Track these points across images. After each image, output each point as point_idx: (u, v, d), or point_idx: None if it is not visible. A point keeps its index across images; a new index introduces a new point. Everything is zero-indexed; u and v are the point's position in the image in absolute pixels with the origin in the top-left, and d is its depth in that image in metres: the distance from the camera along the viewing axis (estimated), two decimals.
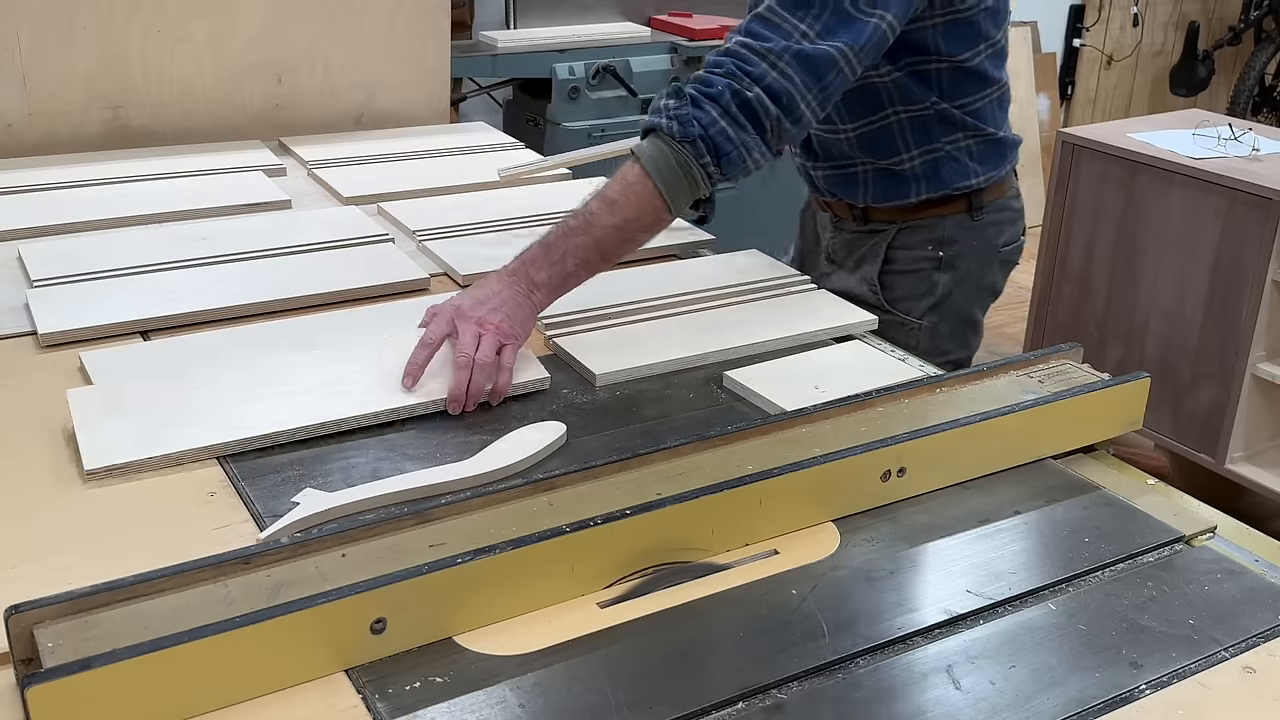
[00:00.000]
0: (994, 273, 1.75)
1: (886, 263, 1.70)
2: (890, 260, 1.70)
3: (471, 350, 1.28)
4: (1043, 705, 0.88)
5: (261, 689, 0.86)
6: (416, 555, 0.93)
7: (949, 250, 1.69)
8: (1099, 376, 1.28)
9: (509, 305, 1.33)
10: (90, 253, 1.66)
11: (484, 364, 1.28)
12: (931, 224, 1.68)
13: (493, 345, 1.29)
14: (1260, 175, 2.71)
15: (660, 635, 0.94)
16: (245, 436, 1.19)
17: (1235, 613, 0.99)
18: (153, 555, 0.95)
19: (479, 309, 1.32)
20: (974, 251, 1.70)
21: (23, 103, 2.10)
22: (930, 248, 1.69)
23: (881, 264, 1.70)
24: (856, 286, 1.72)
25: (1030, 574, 1.03)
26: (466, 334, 1.30)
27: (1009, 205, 1.73)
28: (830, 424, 1.17)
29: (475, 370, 1.28)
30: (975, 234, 1.69)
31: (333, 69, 2.34)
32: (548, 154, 2.28)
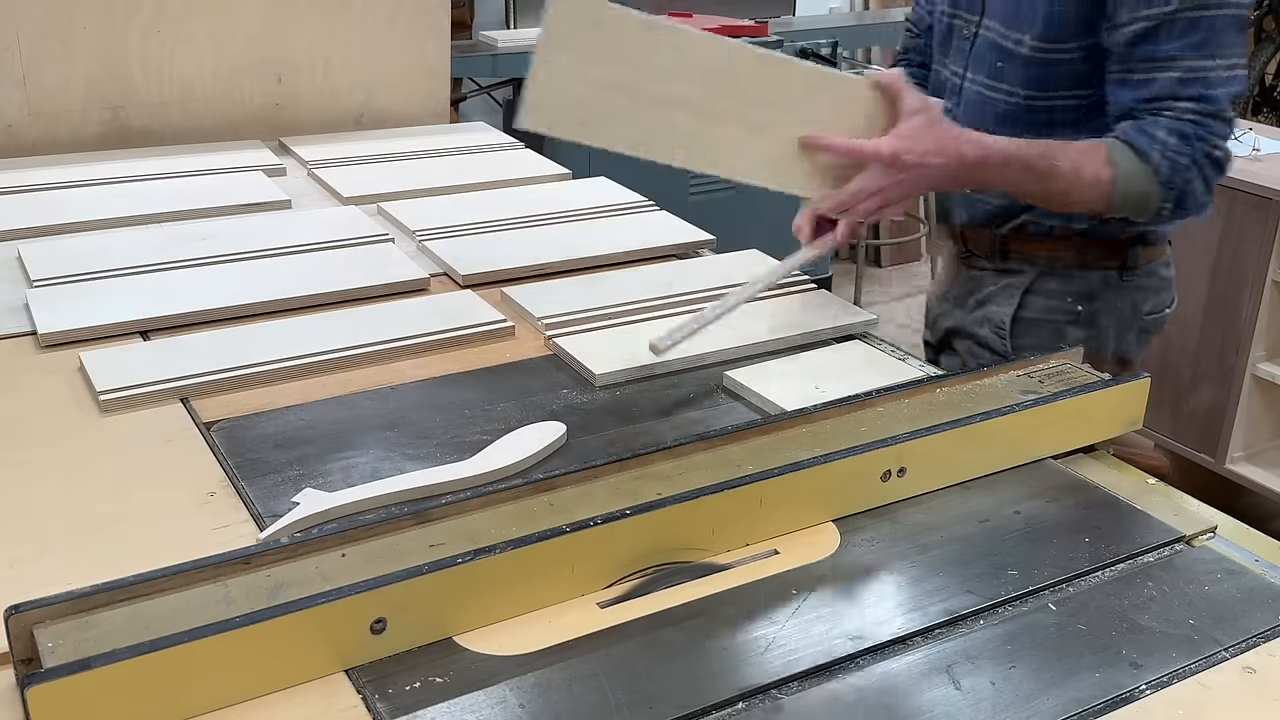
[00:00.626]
0: (1130, 341, 1.65)
1: (1020, 308, 1.64)
2: (1024, 306, 1.64)
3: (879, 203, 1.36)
4: (1043, 705, 0.88)
5: (261, 689, 0.86)
6: (416, 555, 0.93)
7: (1090, 306, 1.62)
8: (1099, 376, 1.28)
9: (930, 178, 1.37)
10: (90, 253, 1.66)
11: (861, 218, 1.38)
12: (1076, 276, 1.62)
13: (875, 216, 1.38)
14: (1260, 175, 2.71)
15: (660, 635, 0.94)
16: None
17: (1235, 613, 0.99)
18: (153, 555, 0.95)
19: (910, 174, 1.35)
20: (1116, 312, 1.63)
21: (23, 103, 2.10)
22: (1070, 300, 1.62)
23: (1015, 308, 1.64)
24: (976, 326, 1.67)
25: (1030, 574, 1.03)
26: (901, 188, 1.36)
27: (1158, 272, 1.66)
28: (830, 424, 1.17)
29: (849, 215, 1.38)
30: (1121, 295, 1.62)
31: (333, 69, 2.34)
32: (546, 153, 2.28)
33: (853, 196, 1.36)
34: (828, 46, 3.68)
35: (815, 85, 1.37)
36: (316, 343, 1.41)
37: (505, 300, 1.58)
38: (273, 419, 1.27)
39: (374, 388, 1.35)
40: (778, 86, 1.35)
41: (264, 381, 1.35)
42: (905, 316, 4.21)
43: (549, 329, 1.48)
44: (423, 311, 1.51)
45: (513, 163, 2.19)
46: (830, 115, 1.37)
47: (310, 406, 1.30)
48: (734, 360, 1.42)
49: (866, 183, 1.35)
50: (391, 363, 1.41)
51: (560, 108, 1.29)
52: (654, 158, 1.35)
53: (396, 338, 1.44)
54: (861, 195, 1.36)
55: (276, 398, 1.32)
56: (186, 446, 1.21)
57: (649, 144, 1.33)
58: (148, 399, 1.29)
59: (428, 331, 1.46)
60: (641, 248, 1.76)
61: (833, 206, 1.38)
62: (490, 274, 1.66)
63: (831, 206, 1.38)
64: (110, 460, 1.18)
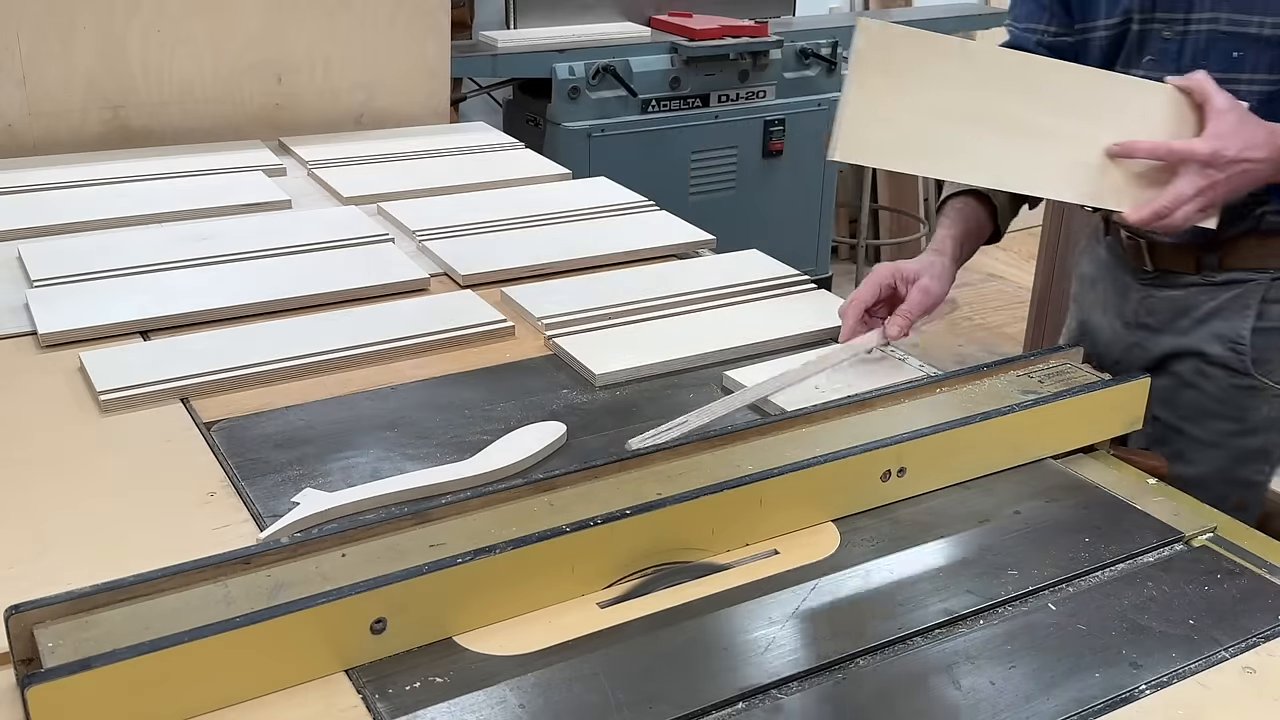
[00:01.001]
0: None
1: (1259, 318, 1.50)
2: (1263, 316, 1.50)
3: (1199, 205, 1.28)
4: (1043, 705, 0.88)
5: (261, 689, 0.86)
6: (416, 555, 0.93)
7: None
8: (1099, 376, 1.28)
9: (1251, 175, 1.27)
10: (90, 253, 1.66)
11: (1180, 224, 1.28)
12: None
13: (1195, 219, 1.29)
14: None
15: (660, 635, 0.94)
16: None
17: (1235, 613, 0.99)
18: (153, 555, 0.95)
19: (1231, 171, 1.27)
20: None
21: (23, 103, 2.10)
22: None
23: (1253, 319, 1.50)
24: (1205, 344, 1.54)
25: (1030, 574, 1.03)
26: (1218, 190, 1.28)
27: None
28: (830, 424, 1.17)
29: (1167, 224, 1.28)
30: None
31: (333, 69, 2.34)
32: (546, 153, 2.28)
33: (1173, 201, 1.27)
34: (828, 46, 3.68)
35: (1121, 95, 1.34)
36: (316, 343, 1.41)
37: (505, 300, 1.58)
38: (273, 419, 1.27)
39: (374, 388, 1.35)
40: (1085, 98, 1.32)
41: (264, 381, 1.35)
42: None
43: (549, 329, 1.48)
44: (423, 311, 1.51)
45: (513, 163, 2.19)
46: (1139, 123, 1.33)
47: (310, 406, 1.30)
48: (734, 360, 1.42)
49: (1184, 187, 1.27)
50: (391, 363, 1.41)
51: (873, 138, 1.27)
52: (964, 180, 1.34)
53: (396, 338, 1.44)
54: (1182, 199, 1.27)
55: (276, 398, 1.32)
56: (186, 446, 1.21)
57: (961, 166, 1.31)
58: (148, 399, 1.29)
59: (428, 331, 1.46)
60: (641, 248, 1.76)
61: (1151, 214, 1.28)
62: (490, 274, 1.65)
63: (1149, 215, 1.28)
64: (110, 460, 1.18)
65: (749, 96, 3.57)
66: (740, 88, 3.54)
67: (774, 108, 3.61)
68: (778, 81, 3.61)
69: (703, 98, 3.48)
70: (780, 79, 3.61)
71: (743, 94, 3.56)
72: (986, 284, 4.56)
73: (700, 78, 3.45)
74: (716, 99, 3.51)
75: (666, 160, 3.45)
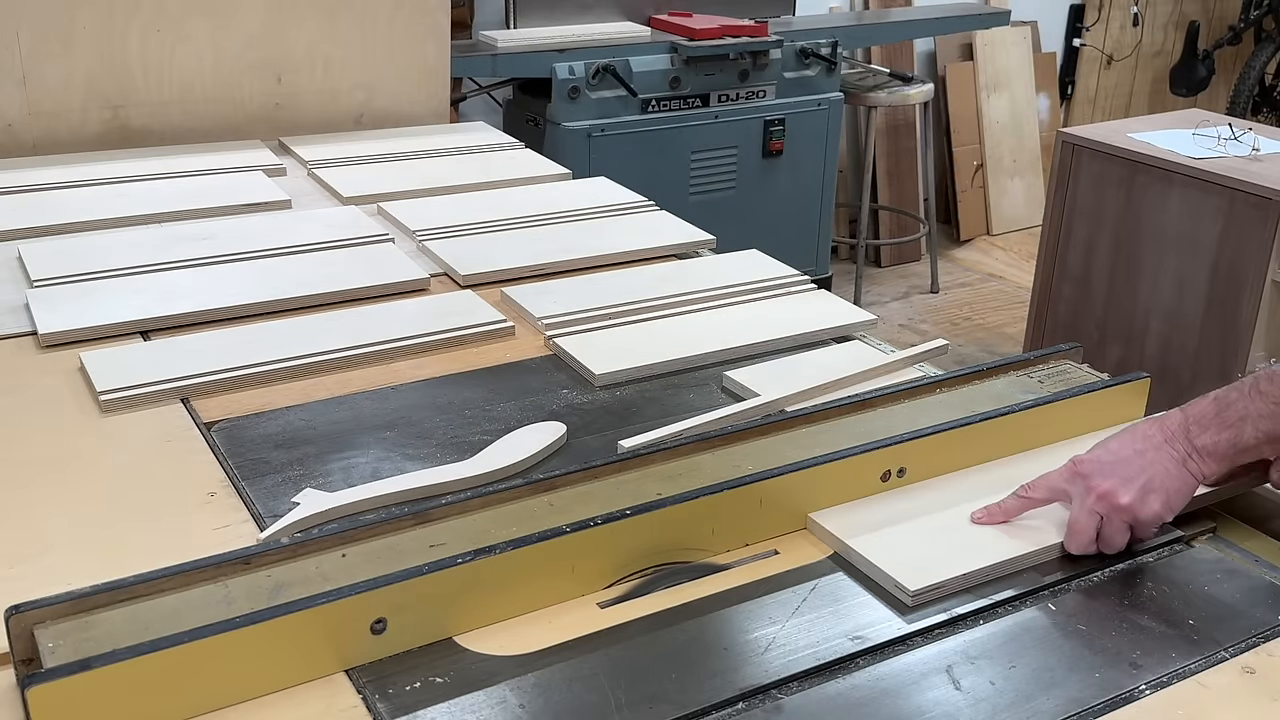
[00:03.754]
0: None
1: None
2: None
3: (1109, 549, 1.05)
4: (1043, 705, 0.88)
5: (261, 689, 0.86)
6: (416, 555, 0.94)
7: None
8: (1099, 376, 1.28)
9: (1159, 480, 1.04)
10: (90, 253, 1.66)
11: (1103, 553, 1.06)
12: None
13: (1124, 540, 1.05)
14: (1260, 175, 2.71)
15: (660, 635, 0.94)
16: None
17: (1235, 613, 0.99)
18: (153, 555, 0.95)
19: (1114, 479, 1.03)
20: None
21: (23, 103, 2.10)
22: None
23: None
24: None
25: (1030, 574, 1.03)
26: (1114, 531, 1.04)
27: None
28: (830, 424, 1.17)
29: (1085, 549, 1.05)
30: None
31: (333, 69, 2.34)
32: (547, 153, 2.28)
33: (1081, 531, 1.04)
34: (827, 46, 3.68)
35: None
36: (316, 343, 1.41)
37: (505, 300, 1.58)
38: (273, 419, 1.27)
39: (374, 388, 1.35)
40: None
41: (264, 381, 1.35)
42: (905, 316, 4.21)
43: (549, 329, 1.48)
44: (423, 311, 1.51)
45: (513, 163, 2.19)
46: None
47: (310, 406, 1.30)
48: (734, 360, 1.42)
49: (1076, 514, 1.05)
50: (391, 363, 1.41)
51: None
52: None
53: (396, 338, 1.44)
54: (1088, 527, 1.04)
55: (276, 398, 1.32)
56: (186, 446, 1.21)
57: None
58: (148, 399, 1.29)
59: (428, 331, 1.46)
60: (641, 248, 1.76)
61: (1079, 549, 1.05)
62: (490, 274, 1.66)
63: (1078, 549, 1.05)
64: (110, 460, 1.18)
65: (749, 96, 3.57)
66: (740, 88, 3.54)
67: (774, 108, 3.62)
68: (778, 81, 3.61)
69: (703, 98, 3.48)
70: (780, 79, 3.61)
71: (743, 94, 3.56)
72: (986, 284, 4.56)
73: (700, 78, 3.45)
74: (716, 99, 3.51)
75: (666, 160, 3.45)
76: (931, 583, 0.99)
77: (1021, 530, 1.07)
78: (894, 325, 4.11)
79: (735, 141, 3.57)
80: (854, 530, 1.06)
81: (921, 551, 1.03)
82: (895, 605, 0.98)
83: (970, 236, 4.93)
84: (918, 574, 1.00)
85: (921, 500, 1.11)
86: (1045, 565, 1.04)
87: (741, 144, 3.59)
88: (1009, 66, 4.95)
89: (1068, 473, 1.06)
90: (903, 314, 4.24)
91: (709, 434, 1.12)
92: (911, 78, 4.17)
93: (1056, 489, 1.07)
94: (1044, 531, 1.06)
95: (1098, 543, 1.04)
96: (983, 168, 4.92)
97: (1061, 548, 1.05)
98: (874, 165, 4.45)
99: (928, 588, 0.98)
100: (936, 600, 0.98)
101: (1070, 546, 1.05)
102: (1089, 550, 1.04)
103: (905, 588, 0.98)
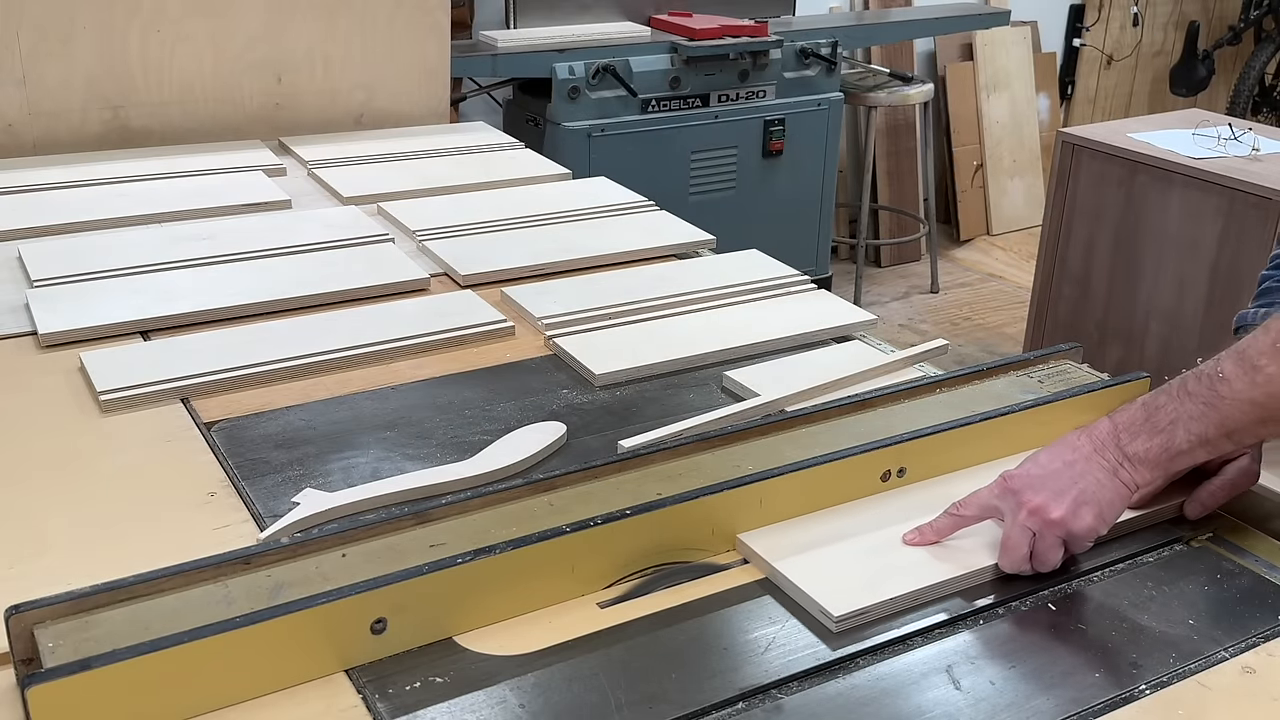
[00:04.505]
0: None
1: None
2: None
3: (1043, 567, 1.01)
4: (1043, 705, 0.88)
5: (261, 689, 0.86)
6: (416, 555, 0.94)
7: None
8: (1099, 376, 1.28)
9: (1090, 491, 1.01)
10: (90, 253, 1.66)
11: (1038, 571, 1.02)
12: None
13: (1059, 557, 1.02)
14: (1260, 175, 2.71)
15: (660, 635, 0.94)
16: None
17: (1235, 613, 0.99)
18: (153, 555, 0.95)
19: (1045, 493, 1.00)
20: None
21: (23, 103, 2.10)
22: None
23: None
24: None
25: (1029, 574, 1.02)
26: (1048, 547, 1.00)
27: None
28: (830, 424, 1.17)
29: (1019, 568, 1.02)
30: None
31: (333, 69, 2.34)
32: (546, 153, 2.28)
33: (1014, 548, 1.01)
34: (827, 46, 3.68)
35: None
36: (316, 343, 1.41)
37: (505, 300, 1.58)
38: (273, 419, 1.27)
39: (374, 388, 1.35)
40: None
41: (264, 381, 1.35)
42: (905, 316, 4.21)
43: (549, 329, 1.48)
44: (423, 311, 1.51)
45: (513, 163, 2.19)
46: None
47: (310, 406, 1.30)
48: (734, 360, 1.42)
49: (1009, 531, 1.02)
50: (391, 363, 1.41)
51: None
52: None
53: (396, 338, 1.44)
54: (1020, 544, 1.01)
55: (276, 398, 1.32)
56: (186, 446, 1.21)
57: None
58: (148, 399, 1.29)
59: (428, 331, 1.46)
60: (641, 248, 1.76)
61: (1012, 566, 1.02)
62: (490, 274, 1.66)
63: (1011, 567, 1.02)
64: (110, 460, 1.18)
65: (749, 96, 3.57)
66: (740, 88, 3.55)
67: (774, 108, 3.62)
68: (778, 81, 3.61)
69: (703, 98, 3.48)
70: (780, 79, 3.61)
71: (743, 94, 3.56)
72: (986, 284, 4.56)
73: (700, 78, 3.45)
74: (716, 99, 3.51)
75: (666, 160, 3.45)
76: (858, 608, 0.95)
77: (952, 552, 1.03)
78: (894, 325, 4.11)
79: (735, 141, 3.57)
80: (783, 552, 1.02)
81: (851, 575, 0.99)
82: (819, 631, 0.95)
83: (970, 236, 4.93)
84: (845, 599, 0.96)
85: (855, 519, 1.07)
86: (979, 588, 1.01)
87: (741, 144, 3.59)
88: (1009, 66, 4.95)
89: (998, 489, 1.03)
90: (903, 314, 4.24)
91: (709, 434, 1.12)
92: (911, 78, 4.17)
93: (988, 506, 1.03)
94: (977, 553, 1.03)
95: (1031, 560, 1.00)
96: (983, 168, 4.92)
97: (996, 568, 1.02)
98: (874, 165, 4.45)
99: (853, 613, 0.95)
100: (862, 626, 0.95)
101: (1004, 565, 1.01)
102: (1023, 568, 1.00)
103: (829, 613, 0.95)
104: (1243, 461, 1.10)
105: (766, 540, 1.04)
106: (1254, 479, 1.11)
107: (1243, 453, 1.10)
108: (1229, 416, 1.01)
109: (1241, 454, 1.10)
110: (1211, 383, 1.02)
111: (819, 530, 1.06)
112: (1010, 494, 1.01)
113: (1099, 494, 1.01)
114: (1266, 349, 0.99)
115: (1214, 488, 1.10)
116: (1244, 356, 1.01)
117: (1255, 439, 1.04)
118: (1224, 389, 1.01)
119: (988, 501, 1.03)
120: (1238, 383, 1.00)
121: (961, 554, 1.03)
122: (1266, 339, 1.00)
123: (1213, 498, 1.10)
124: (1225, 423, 1.01)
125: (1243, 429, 1.01)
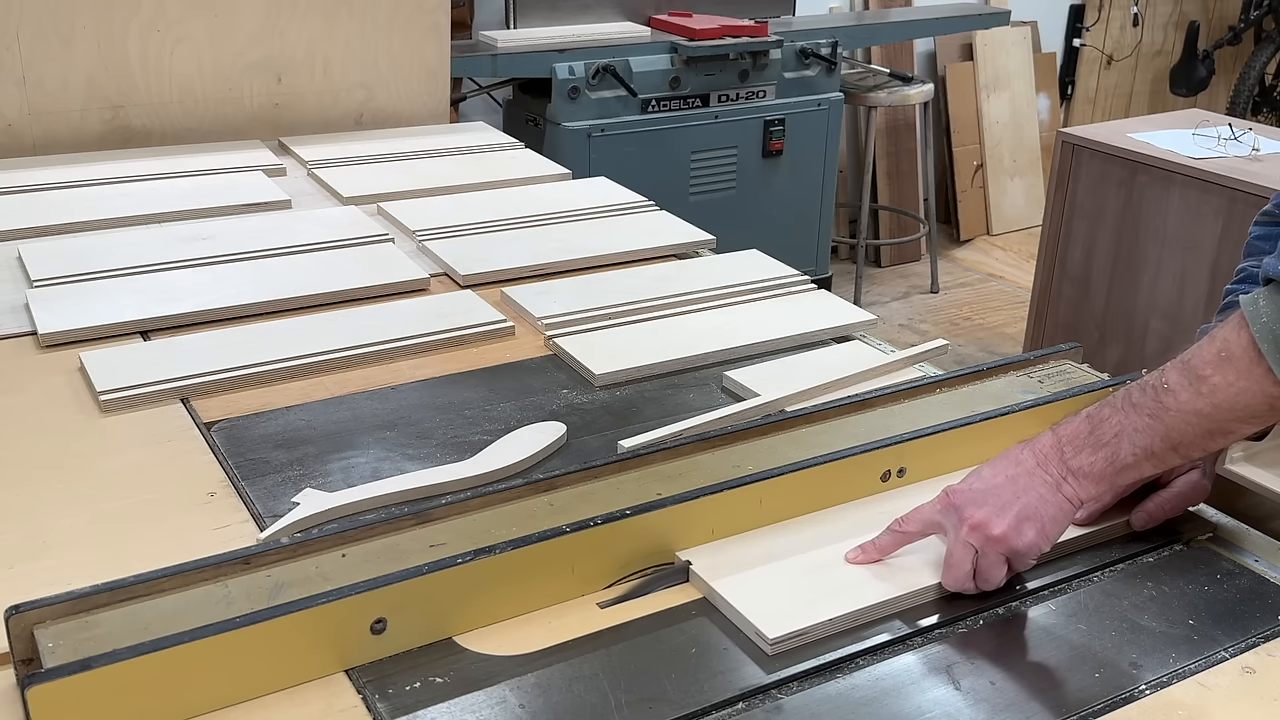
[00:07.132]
0: None
1: None
2: None
3: (987, 585, 0.99)
4: (1043, 705, 0.88)
5: (261, 689, 0.86)
6: (416, 555, 0.94)
7: None
8: (1099, 376, 1.28)
9: (1033, 507, 0.99)
10: (90, 253, 1.66)
11: (981, 589, 1.00)
12: None
13: (1003, 574, 0.99)
14: (1260, 175, 2.71)
15: (660, 635, 0.94)
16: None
17: (1235, 613, 0.99)
18: (153, 555, 0.95)
19: (986, 509, 0.98)
20: None
21: (23, 102, 2.10)
22: None
23: None
24: None
25: (1030, 574, 1.03)
26: (990, 564, 0.98)
27: None
28: (830, 424, 1.17)
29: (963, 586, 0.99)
30: None
31: (333, 69, 2.34)
32: (547, 153, 2.28)
33: (957, 565, 0.99)
34: (827, 46, 3.68)
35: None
36: (316, 343, 1.41)
37: (505, 300, 1.58)
38: (273, 419, 1.27)
39: (374, 388, 1.35)
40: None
41: (264, 381, 1.35)
42: (905, 316, 4.21)
43: (549, 329, 1.48)
44: (423, 311, 1.51)
45: (513, 163, 2.19)
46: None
47: (310, 406, 1.30)
48: (734, 360, 1.42)
49: (951, 548, 1.00)
50: (391, 363, 1.41)
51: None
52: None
53: (396, 338, 1.44)
54: (963, 561, 0.99)
55: (276, 398, 1.32)
56: (186, 446, 1.21)
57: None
58: (148, 399, 1.29)
59: (428, 331, 1.46)
60: (641, 248, 1.76)
61: (955, 584, 1.00)
62: (490, 274, 1.66)
63: (954, 585, 1.00)
64: (110, 460, 1.18)
65: (749, 96, 3.57)
66: (740, 88, 3.54)
67: (774, 108, 3.62)
68: (778, 81, 3.61)
69: (703, 98, 3.48)
70: (780, 79, 3.61)
71: (743, 94, 3.56)
72: (986, 284, 4.56)
73: (700, 78, 3.45)
74: (716, 99, 3.51)
75: (666, 160, 3.45)
76: (793, 629, 0.92)
77: (894, 571, 1.01)
78: (894, 325, 4.11)
79: (735, 141, 3.57)
80: (722, 571, 0.99)
81: (789, 595, 0.97)
82: (757, 655, 0.92)
83: (970, 236, 4.93)
84: (780, 621, 0.93)
85: (798, 537, 1.05)
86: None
87: (741, 144, 3.59)
88: (1009, 66, 4.95)
89: (941, 504, 1.00)
90: (903, 314, 4.24)
91: (709, 434, 1.12)
92: (911, 78, 4.17)
93: (930, 521, 1.01)
94: (921, 571, 1.01)
95: (975, 579, 0.98)
96: (983, 168, 4.92)
97: (940, 587, 1.00)
98: (874, 165, 4.45)
99: (789, 635, 0.92)
100: (801, 649, 0.92)
101: (947, 582, 0.99)
102: (966, 585, 0.98)
103: (765, 635, 0.92)
104: (1192, 475, 1.09)
105: (708, 559, 1.01)
106: (1204, 494, 1.10)
107: (1194, 466, 1.08)
108: (1174, 428, 0.98)
109: (1192, 467, 1.09)
110: (1156, 394, 0.99)
111: (760, 548, 1.03)
112: (952, 509, 0.99)
113: (1041, 510, 0.99)
114: (1211, 359, 0.96)
115: (1162, 499, 1.08)
116: (1189, 366, 0.98)
117: (1202, 452, 1.02)
118: (1169, 400, 0.98)
119: (930, 517, 1.01)
120: (1183, 394, 0.97)
121: (905, 573, 1.01)
122: (1211, 348, 0.96)
123: (1160, 509, 1.08)
124: (1170, 435, 0.98)
125: (1189, 441, 0.98)
